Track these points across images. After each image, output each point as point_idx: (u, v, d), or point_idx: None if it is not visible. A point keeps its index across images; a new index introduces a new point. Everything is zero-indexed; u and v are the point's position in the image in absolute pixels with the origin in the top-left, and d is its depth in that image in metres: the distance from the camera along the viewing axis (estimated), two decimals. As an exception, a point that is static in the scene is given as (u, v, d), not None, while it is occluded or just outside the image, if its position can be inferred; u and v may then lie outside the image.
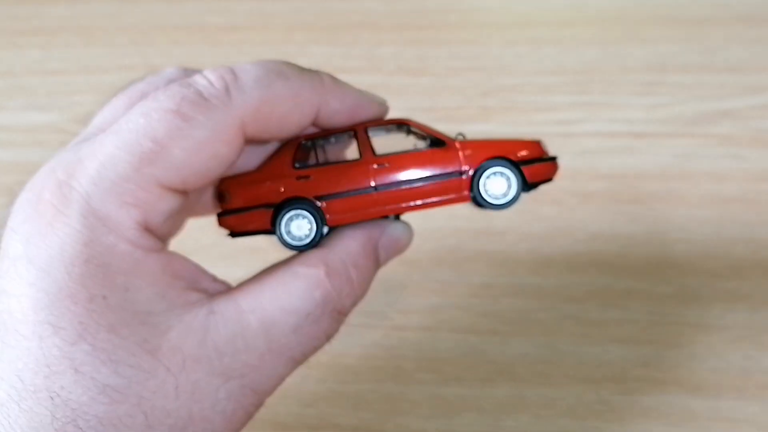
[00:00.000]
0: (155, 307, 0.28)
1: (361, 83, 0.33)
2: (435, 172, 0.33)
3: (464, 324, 0.46)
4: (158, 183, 0.28)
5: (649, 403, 0.41)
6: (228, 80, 0.30)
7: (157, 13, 0.76)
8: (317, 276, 0.31)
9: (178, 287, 0.29)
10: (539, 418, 0.41)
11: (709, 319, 0.44)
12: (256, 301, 0.30)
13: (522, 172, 0.33)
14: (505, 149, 0.34)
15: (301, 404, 0.43)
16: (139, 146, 0.28)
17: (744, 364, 0.42)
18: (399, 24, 0.72)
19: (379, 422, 0.41)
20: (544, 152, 0.34)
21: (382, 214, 0.33)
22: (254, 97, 0.30)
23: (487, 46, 0.68)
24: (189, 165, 0.29)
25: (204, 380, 0.28)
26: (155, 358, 0.27)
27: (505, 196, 0.33)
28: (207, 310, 0.29)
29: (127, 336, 0.27)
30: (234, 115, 0.30)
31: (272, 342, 0.29)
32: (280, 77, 0.31)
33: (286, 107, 0.31)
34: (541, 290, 0.47)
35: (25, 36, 0.74)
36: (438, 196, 0.33)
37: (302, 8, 0.75)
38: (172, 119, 0.28)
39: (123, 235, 0.28)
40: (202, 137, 0.29)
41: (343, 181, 0.33)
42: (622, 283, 0.47)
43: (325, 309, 0.31)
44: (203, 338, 0.28)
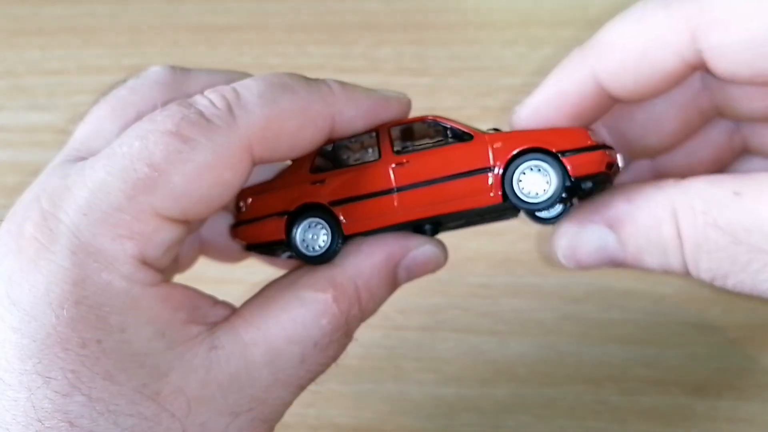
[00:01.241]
0: (154, 347, 0.26)
1: (361, 83, 0.32)
2: (461, 168, 0.29)
3: (464, 324, 0.46)
4: (156, 213, 0.26)
5: (649, 403, 0.41)
6: (230, 99, 0.27)
7: (157, 13, 0.76)
8: (325, 302, 0.28)
9: (177, 321, 0.27)
10: (539, 418, 0.41)
11: (709, 319, 0.44)
12: (260, 332, 0.27)
13: (562, 163, 0.28)
14: (541, 139, 0.28)
15: (301, 404, 0.42)
16: (134, 172, 0.25)
17: (744, 364, 0.42)
18: (399, 24, 0.71)
19: (379, 422, 0.41)
20: (592, 141, 0.28)
21: (404, 220, 0.29)
22: (260, 116, 0.27)
23: (487, 46, 0.67)
24: (190, 193, 0.26)
25: (212, 420, 0.26)
26: (157, 404, 0.25)
27: (546, 193, 0.28)
28: (208, 346, 0.27)
29: (125, 382, 0.24)
30: (239, 136, 0.27)
31: (279, 373, 0.28)
32: (285, 91, 0.28)
33: (296, 123, 0.28)
34: (541, 290, 0.47)
35: (25, 36, 0.74)
36: (465, 197, 0.29)
37: (302, 8, 0.75)
38: (171, 141, 0.26)
39: (117, 270, 0.25)
40: (205, 161, 0.26)
41: (359, 183, 0.30)
42: (622, 283, 0.47)
43: (333, 336, 0.29)
44: (206, 378, 0.26)
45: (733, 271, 0.26)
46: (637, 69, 0.28)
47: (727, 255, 0.26)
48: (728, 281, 0.26)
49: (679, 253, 0.27)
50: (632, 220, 0.28)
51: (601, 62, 0.28)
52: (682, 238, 0.27)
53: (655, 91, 0.29)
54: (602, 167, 0.28)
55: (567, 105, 0.29)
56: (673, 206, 0.27)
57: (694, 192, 0.27)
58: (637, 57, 0.28)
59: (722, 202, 0.26)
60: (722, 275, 0.26)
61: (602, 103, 0.30)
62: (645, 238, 0.28)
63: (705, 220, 0.26)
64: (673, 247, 0.27)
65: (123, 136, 0.26)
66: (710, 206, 0.26)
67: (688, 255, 0.27)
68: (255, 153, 0.28)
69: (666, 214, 0.27)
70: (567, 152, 0.28)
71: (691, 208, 0.26)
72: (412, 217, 0.29)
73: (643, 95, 0.29)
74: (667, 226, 0.27)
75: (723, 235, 0.25)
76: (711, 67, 0.27)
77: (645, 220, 0.27)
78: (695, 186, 0.27)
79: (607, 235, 0.29)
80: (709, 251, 0.26)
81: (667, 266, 0.28)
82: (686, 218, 0.26)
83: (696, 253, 0.26)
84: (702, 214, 0.26)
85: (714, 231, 0.26)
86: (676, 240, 0.27)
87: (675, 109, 0.31)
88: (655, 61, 0.27)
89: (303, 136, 0.29)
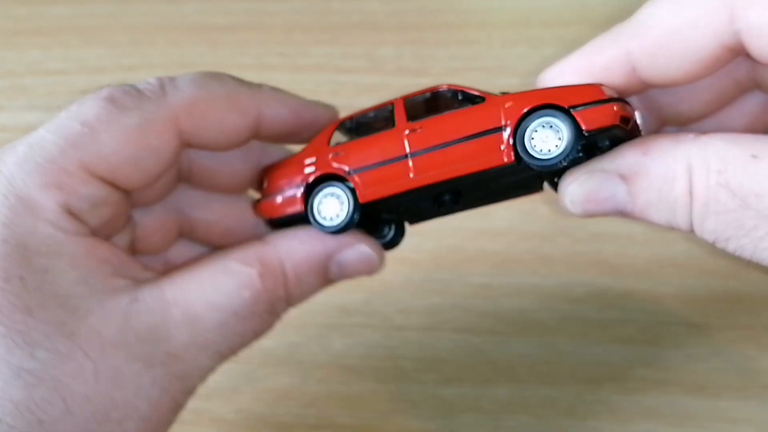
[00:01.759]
0: (76, 291, 0.27)
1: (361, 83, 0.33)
2: (473, 130, 0.29)
3: (464, 324, 0.46)
4: (83, 167, 0.28)
5: (649, 403, 0.41)
6: (165, 80, 0.30)
7: (157, 13, 0.76)
8: (249, 275, 0.30)
9: (102, 272, 0.28)
10: (539, 418, 0.41)
11: (709, 319, 0.44)
12: (182, 292, 0.29)
13: (573, 117, 0.27)
14: (552, 95, 0.28)
15: (301, 404, 0.43)
16: (67, 128, 0.28)
17: (744, 364, 0.42)
18: (399, 24, 0.72)
19: (379, 422, 0.41)
20: (606, 95, 0.28)
21: (418, 185, 0.29)
22: (188, 93, 0.30)
23: (487, 46, 0.68)
24: (117, 152, 0.29)
25: (125, 366, 0.27)
26: (73, 341, 0.26)
27: (558, 149, 0.27)
28: (130, 298, 0.28)
29: (44, 318, 0.26)
30: (166, 106, 0.29)
31: (196, 336, 0.29)
32: (215, 80, 0.31)
33: (222, 107, 0.31)
34: (541, 290, 0.47)
35: (25, 36, 0.74)
36: (478, 158, 0.28)
37: (302, 8, 0.75)
38: (104, 105, 0.29)
39: (43, 217, 0.27)
40: (132, 124, 0.29)
41: (375, 151, 0.30)
42: (622, 283, 0.47)
43: (254, 310, 0.30)
44: (124, 324, 0.28)
45: (737, 235, 0.26)
46: (672, 50, 0.27)
47: (733, 218, 0.25)
48: (730, 244, 0.26)
49: (687, 212, 0.26)
50: (646, 172, 0.27)
51: (636, 41, 0.28)
52: (693, 195, 0.26)
53: (689, 75, 0.28)
54: (616, 120, 0.27)
55: (593, 78, 0.29)
56: (689, 162, 0.26)
57: (712, 149, 0.26)
58: (672, 37, 0.27)
59: (738, 163, 0.25)
60: (725, 238, 0.26)
61: (630, 85, 0.29)
62: (657, 192, 0.27)
63: (717, 180, 0.25)
64: (683, 205, 0.27)
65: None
66: (725, 166, 0.25)
67: (696, 214, 0.26)
68: (182, 127, 0.30)
69: (681, 169, 0.26)
70: (578, 106, 0.27)
71: (705, 166, 0.26)
72: (426, 181, 0.29)
73: (677, 79, 0.28)
74: (680, 181, 0.26)
75: (733, 198, 0.25)
76: (749, 49, 0.26)
77: (659, 173, 0.27)
78: (714, 143, 0.26)
79: (618, 185, 0.28)
80: (717, 212, 0.26)
81: (673, 223, 0.27)
82: (700, 176, 0.26)
83: (704, 213, 0.26)
84: (716, 173, 0.25)
85: (725, 192, 0.25)
86: (687, 197, 0.26)
87: (710, 79, 0.30)
88: (691, 42, 0.27)
89: (229, 121, 0.31)
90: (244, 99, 0.32)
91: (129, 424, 0.27)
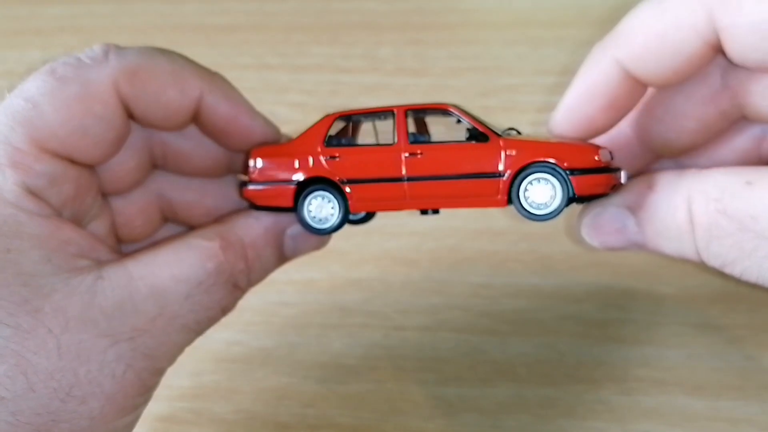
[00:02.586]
0: (40, 270, 0.27)
1: (361, 83, 0.33)
2: (472, 169, 0.30)
3: (464, 324, 0.46)
4: (36, 144, 0.28)
5: (649, 403, 0.41)
6: (111, 48, 0.30)
7: (157, 13, 0.76)
8: (211, 248, 0.31)
9: (66, 253, 0.29)
10: (539, 418, 0.41)
11: (709, 319, 0.44)
12: (147, 268, 0.29)
13: (570, 181, 0.29)
14: (554, 152, 0.29)
15: (301, 404, 0.43)
16: (12, 106, 0.28)
17: (744, 364, 0.42)
18: (399, 24, 0.72)
19: (379, 422, 0.41)
20: (602, 161, 0.30)
21: (410, 207, 0.31)
22: (131, 61, 0.30)
23: (487, 46, 0.68)
24: (63, 124, 0.29)
25: (89, 341, 0.27)
26: (35, 318, 0.26)
27: (547, 207, 0.29)
28: (95, 276, 0.29)
29: (6, 296, 0.26)
30: (106, 72, 0.29)
31: (163, 308, 0.29)
32: (164, 55, 0.31)
33: (163, 80, 0.31)
34: (541, 290, 0.47)
35: (25, 36, 0.74)
36: (472, 196, 0.30)
37: (302, 8, 0.75)
38: (45, 79, 0.29)
39: (3, 197, 0.28)
40: (73, 94, 0.29)
41: (372, 166, 0.31)
42: (622, 283, 0.47)
43: (218, 279, 0.31)
44: (89, 301, 0.28)
45: (740, 257, 0.27)
46: (660, 51, 0.28)
47: (734, 241, 0.27)
48: (736, 268, 0.27)
49: (692, 239, 0.28)
50: (651, 204, 0.29)
51: (624, 49, 0.29)
52: (694, 224, 0.28)
53: (681, 72, 0.29)
54: (607, 189, 0.30)
55: (599, 98, 0.30)
56: (689, 193, 0.28)
57: (711, 180, 0.28)
58: (658, 40, 0.28)
59: (734, 189, 0.27)
60: (730, 261, 0.27)
61: (633, 90, 0.31)
62: (661, 222, 0.29)
63: (716, 207, 0.27)
64: (686, 233, 0.28)
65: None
66: (722, 193, 0.27)
67: (699, 241, 0.28)
68: (123, 93, 0.30)
69: (681, 200, 0.28)
70: (576, 171, 0.29)
71: (704, 195, 0.27)
72: (419, 207, 0.31)
73: (671, 78, 0.30)
74: (681, 211, 0.28)
75: (731, 222, 0.27)
76: (726, 50, 0.27)
77: (662, 204, 0.29)
78: (712, 175, 0.28)
79: (627, 218, 0.30)
80: (719, 237, 0.27)
81: (682, 252, 0.29)
82: (699, 205, 0.27)
83: (706, 239, 0.27)
84: (714, 201, 0.27)
85: (723, 217, 0.27)
86: (688, 225, 0.28)
87: (693, 106, 0.32)
88: (677, 42, 0.28)
89: (169, 96, 0.31)
90: (189, 78, 0.32)
91: (93, 403, 0.27)
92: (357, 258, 0.50)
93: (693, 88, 0.31)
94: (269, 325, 0.46)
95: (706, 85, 0.31)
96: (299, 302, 0.48)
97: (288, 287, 0.48)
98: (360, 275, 0.49)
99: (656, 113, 0.33)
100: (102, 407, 0.28)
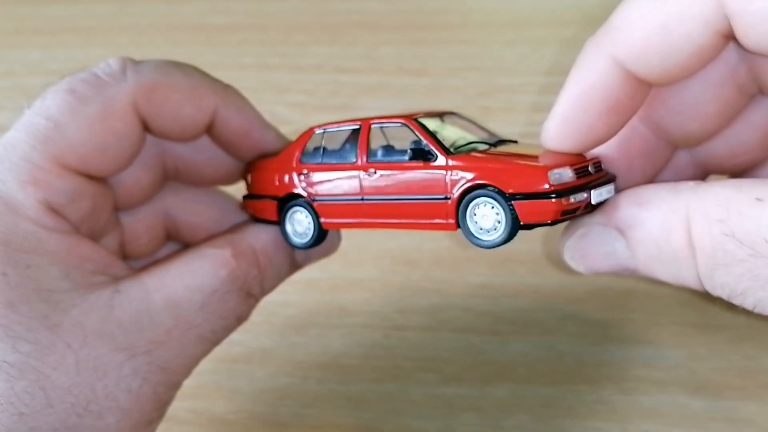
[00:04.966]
0: (58, 286, 0.28)
1: (361, 83, 0.33)
2: (420, 193, 0.29)
3: (464, 324, 0.46)
4: (57, 162, 0.29)
5: (649, 403, 0.41)
6: (127, 63, 0.31)
7: (157, 13, 0.76)
8: (224, 256, 0.31)
9: (84, 269, 0.29)
10: (539, 418, 0.41)
11: (709, 319, 0.44)
12: (162, 279, 0.30)
13: (512, 208, 0.27)
14: (498, 175, 0.27)
15: (301, 404, 0.43)
16: (34, 125, 0.29)
17: (744, 364, 0.42)
18: (399, 24, 0.72)
19: (379, 422, 0.41)
20: (554, 184, 0.26)
21: (372, 227, 0.31)
22: (149, 78, 0.31)
23: (487, 46, 0.68)
24: (85, 142, 0.29)
25: (107, 355, 0.28)
26: (55, 333, 0.27)
27: (495, 232, 0.28)
28: (112, 290, 0.29)
29: (27, 312, 0.27)
30: (125, 91, 0.30)
31: (179, 319, 0.30)
32: (180, 70, 0.32)
33: (181, 96, 0.32)
34: (541, 290, 0.47)
35: (25, 36, 0.74)
36: (424, 218, 0.29)
37: (302, 8, 0.75)
38: (64, 97, 0.29)
39: (24, 213, 0.28)
40: (94, 112, 0.29)
41: (334, 184, 0.32)
42: (622, 283, 0.47)
43: (232, 287, 0.31)
44: (107, 315, 0.28)
45: (753, 287, 0.23)
46: (665, 46, 0.25)
47: (745, 269, 0.23)
48: (747, 299, 0.24)
49: (692, 266, 0.24)
50: (642, 224, 0.26)
51: (622, 46, 0.26)
52: (695, 248, 0.24)
53: (689, 67, 0.26)
54: (556, 217, 0.27)
55: (597, 102, 0.27)
56: (687, 212, 0.24)
57: (711, 197, 0.24)
58: (661, 33, 0.25)
59: (742, 209, 0.23)
60: (740, 292, 0.24)
61: (636, 91, 0.27)
62: (655, 245, 0.25)
63: (721, 230, 0.23)
64: (685, 258, 0.24)
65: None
66: (728, 214, 0.23)
67: (702, 268, 0.24)
68: (141, 110, 0.31)
69: (678, 220, 0.24)
70: (519, 196, 0.26)
71: (706, 216, 0.24)
72: (377, 226, 0.31)
73: (680, 74, 0.27)
74: (677, 234, 0.24)
75: (741, 247, 0.23)
76: (738, 38, 0.25)
77: (655, 225, 0.25)
78: (713, 190, 0.24)
79: (616, 240, 0.27)
80: (727, 264, 0.23)
81: (680, 279, 0.25)
82: (700, 226, 0.24)
83: (710, 267, 0.24)
84: (718, 222, 0.23)
85: (731, 241, 0.23)
86: (687, 250, 0.24)
87: (712, 89, 0.28)
88: (683, 34, 0.25)
89: (186, 112, 0.32)
90: (204, 94, 0.32)
91: (109, 418, 0.27)
92: (357, 258, 0.50)
93: (710, 70, 0.28)
94: (269, 325, 0.46)
95: (723, 61, 0.28)
96: (299, 302, 0.48)
97: (288, 287, 0.48)
98: (360, 275, 0.49)
99: (672, 105, 0.29)
100: (118, 422, 0.28)
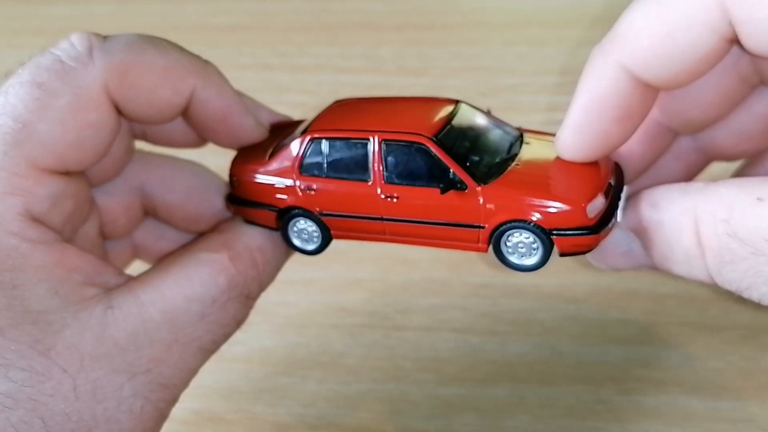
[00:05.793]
0: (48, 305, 0.26)
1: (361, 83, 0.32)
2: (451, 220, 0.29)
3: (464, 324, 0.46)
4: (33, 165, 0.26)
5: (649, 403, 0.41)
6: (94, 42, 0.28)
7: (157, 13, 0.76)
8: (221, 261, 0.29)
9: (73, 282, 0.27)
10: (539, 418, 0.41)
11: (709, 319, 0.44)
12: (157, 291, 0.28)
13: (552, 242, 0.28)
14: (537, 211, 0.28)
15: (301, 404, 0.42)
16: (1, 128, 0.26)
17: (744, 364, 0.42)
18: (399, 24, 0.72)
19: (379, 422, 0.41)
20: (592, 216, 0.27)
21: (391, 242, 0.31)
22: (120, 59, 0.28)
23: (487, 46, 0.68)
24: (60, 139, 0.27)
25: (105, 378, 0.26)
26: (49, 358, 0.25)
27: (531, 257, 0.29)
28: (105, 306, 0.27)
29: (17, 337, 0.25)
30: (95, 76, 0.27)
31: (178, 332, 0.28)
32: (154, 46, 0.29)
33: (156, 77, 0.29)
34: (541, 290, 0.47)
35: (25, 36, 0.74)
36: (453, 241, 0.29)
37: (302, 8, 0.75)
38: (30, 92, 0.26)
39: (5, 227, 0.26)
40: (65, 105, 0.27)
41: (348, 203, 0.30)
42: (622, 283, 0.47)
43: (231, 294, 0.29)
44: (101, 335, 0.26)
45: (756, 283, 0.24)
46: (672, 53, 0.26)
47: (748, 266, 0.24)
48: (753, 294, 0.25)
49: (702, 264, 0.26)
50: (655, 226, 0.27)
51: (630, 53, 0.26)
52: (704, 247, 0.25)
53: (696, 72, 0.27)
54: (590, 248, 0.28)
55: (611, 109, 0.27)
56: (696, 213, 0.25)
57: (716, 198, 0.25)
58: (667, 41, 0.26)
59: (743, 208, 0.24)
60: (746, 287, 0.25)
61: (646, 96, 0.28)
62: (668, 246, 0.27)
63: (725, 229, 0.24)
64: (695, 257, 0.26)
65: None
66: (731, 214, 0.24)
67: (711, 266, 0.25)
68: (113, 96, 0.28)
69: (687, 221, 0.26)
70: (559, 231, 0.27)
71: (712, 216, 0.25)
72: (399, 242, 0.30)
73: (687, 79, 0.27)
74: (687, 234, 0.26)
75: (743, 246, 0.24)
76: (743, 43, 0.25)
77: (667, 226, 0.26)
78: (719, 191, 0.25)
79: (632, 241, 0.28)
80: (732, 262, 0.24)
81: (694, 275, 0.26)
82: (707, 227, 0.25)
83: (718, 264, 0.25)
84: (722, 222, 0.24)
85: (734, 241, 0.24)
86: (697, 249, 0.25)
87: (714, 78, 0.29)
88: (689, 41, 0.25)
89: (162, 94, 0.29)
90: (182, 74, 0.29)
91: None
92: (357, 258, 0.50)
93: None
94: (269, 325, 0.46)
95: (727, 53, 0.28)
96: (299, 302, 0.48)
97: (288, 287, 0.48)
98: (360, 275, 0.49)
99: (673, 92, 0.30)
100: None
